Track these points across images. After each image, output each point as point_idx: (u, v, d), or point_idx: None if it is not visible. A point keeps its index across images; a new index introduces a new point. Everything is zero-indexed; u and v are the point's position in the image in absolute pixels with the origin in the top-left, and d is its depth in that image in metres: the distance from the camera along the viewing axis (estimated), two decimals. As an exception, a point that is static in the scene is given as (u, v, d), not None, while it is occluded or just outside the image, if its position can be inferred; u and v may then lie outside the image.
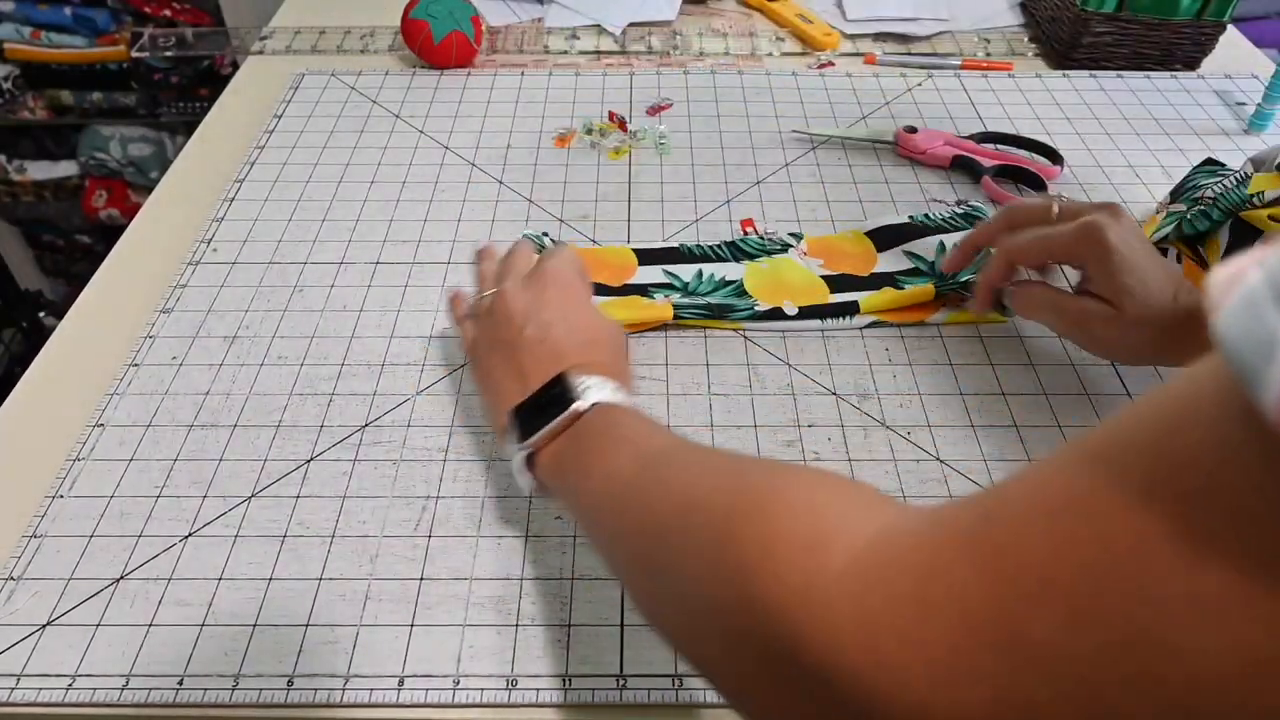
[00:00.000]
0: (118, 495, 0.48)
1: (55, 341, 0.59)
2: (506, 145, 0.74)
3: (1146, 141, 0.75)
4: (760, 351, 0.56)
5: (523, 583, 0.45)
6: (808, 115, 0.78)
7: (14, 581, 0.45)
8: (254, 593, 0.44)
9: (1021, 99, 0.81)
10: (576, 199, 0.69)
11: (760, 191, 0.69)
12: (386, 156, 0.73)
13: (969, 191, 0.70)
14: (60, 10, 1.59)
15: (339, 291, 0.61)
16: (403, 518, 0.47)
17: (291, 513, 0.48)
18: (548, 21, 0.93)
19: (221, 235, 0.65)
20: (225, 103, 0.82)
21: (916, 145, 0.72)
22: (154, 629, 0.43)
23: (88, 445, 0.51)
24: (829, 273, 0.61)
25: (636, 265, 0.62)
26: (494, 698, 0.40)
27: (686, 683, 0.41)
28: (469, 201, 0.68)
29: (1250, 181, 0.56)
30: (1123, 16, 0.82)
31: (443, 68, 0.84)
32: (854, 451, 0.50)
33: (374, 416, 0.53)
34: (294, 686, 0.41)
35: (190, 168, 0.74)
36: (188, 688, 0.41)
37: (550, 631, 0.43)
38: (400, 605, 0.44)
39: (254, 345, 0.57)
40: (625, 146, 0.74)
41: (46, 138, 1.78)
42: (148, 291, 0.61)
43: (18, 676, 0.41)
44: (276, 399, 0.53)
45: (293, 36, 0.90)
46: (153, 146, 1.75)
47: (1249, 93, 0.81)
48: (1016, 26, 0.93)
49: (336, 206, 0.68)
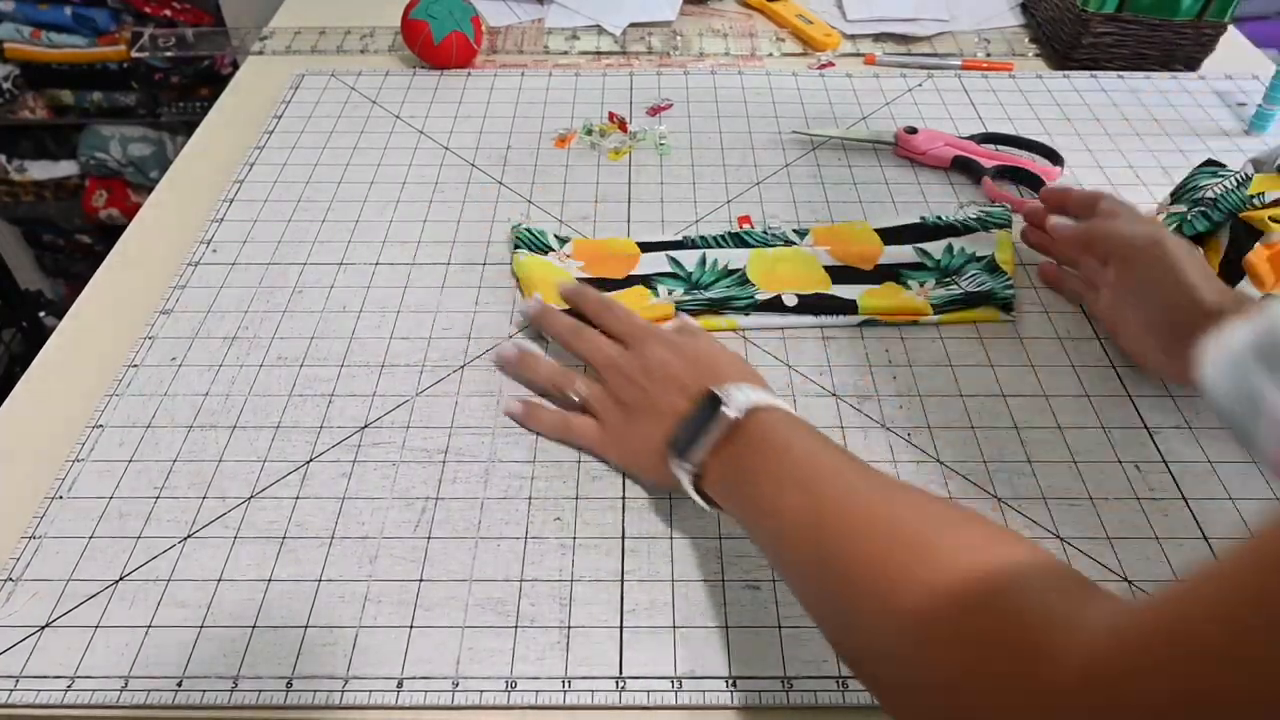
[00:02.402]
0: (117, 496, 0.48)
1: (55, 341, 0.59)
2: (506, 146, 0.74)
3: (1147, 142, 0.75)
4: (760, 353, 0.56)
5: (522, 584, 0.45)
6: (808, 116, 0.78)
7: (13, 583, 0.45)
8: (253, 594, 0.44)
9: (1022, 99, 0.80)
10: (576, 199, 0.69)
11: (760, 192, 0.69)
12: (386, 157, 0.73)
13: (969, 192, 0.69)
14: (60, 10, 1.59)
15: (339, 292, 0.61)
16: (402, 519, 0.47)
17: (291, 514, 0.48)
18: (548, 22, 0.93)
19: (221, 236, 0.65)
20: (225, 103, 0.82)
21: (917, 146, 0.72)
22: (153, 630, 0.43)
23: (87, 446, 0.51)
24: (833, 263, 0.61)
25: (640, 254, 0.62)
26: (493, 699, 0.40)
27: (686, 684, 0.41)
28: (469, 202, 0.68)
29: (1251, 182, 0.56)
30: (1123, 17, 0.82)
31: (443, 68, 0.84)
32: (854, 453, 0.50)
33: (373, 417, 0.53)
34: (293, 688, 0.41)
35: (190, 168, 0.74)
36: (187, 689, 0.41)
37: (550, 633, 0.43)
38: (399, 607, 0.44)
39: (254, 346, 0.57)
40: (625, 147, 0.74)
41: (46, 138, 1.78)
42: (148, 292, 0.61)
43: (16, 678, 0.41)
44: (276, 400, 0.53)
45: (293, 36, 0.90)
46: (153, 146, 1.75)
47: (1249, 93, 0.81)
48: (1017, 27, 0.93)
49: (336, 207, 0.68)
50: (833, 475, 0.38)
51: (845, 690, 0.40)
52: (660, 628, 0.43)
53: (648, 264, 0.61)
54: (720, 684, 0.41)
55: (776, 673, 0.41)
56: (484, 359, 0.56)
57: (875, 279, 0.60)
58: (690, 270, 0.61)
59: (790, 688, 0.41)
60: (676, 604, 0.44)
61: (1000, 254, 0.61)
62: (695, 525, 0.47)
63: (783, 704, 0.40)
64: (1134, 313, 0.52)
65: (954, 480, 0.49)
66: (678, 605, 0.44)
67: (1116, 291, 0.54)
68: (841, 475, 0.38)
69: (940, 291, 0.59)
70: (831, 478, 0.38)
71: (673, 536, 0.47)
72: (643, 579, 0.45)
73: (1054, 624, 0.24)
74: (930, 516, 0.34)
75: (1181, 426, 0.52)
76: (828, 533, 0.35)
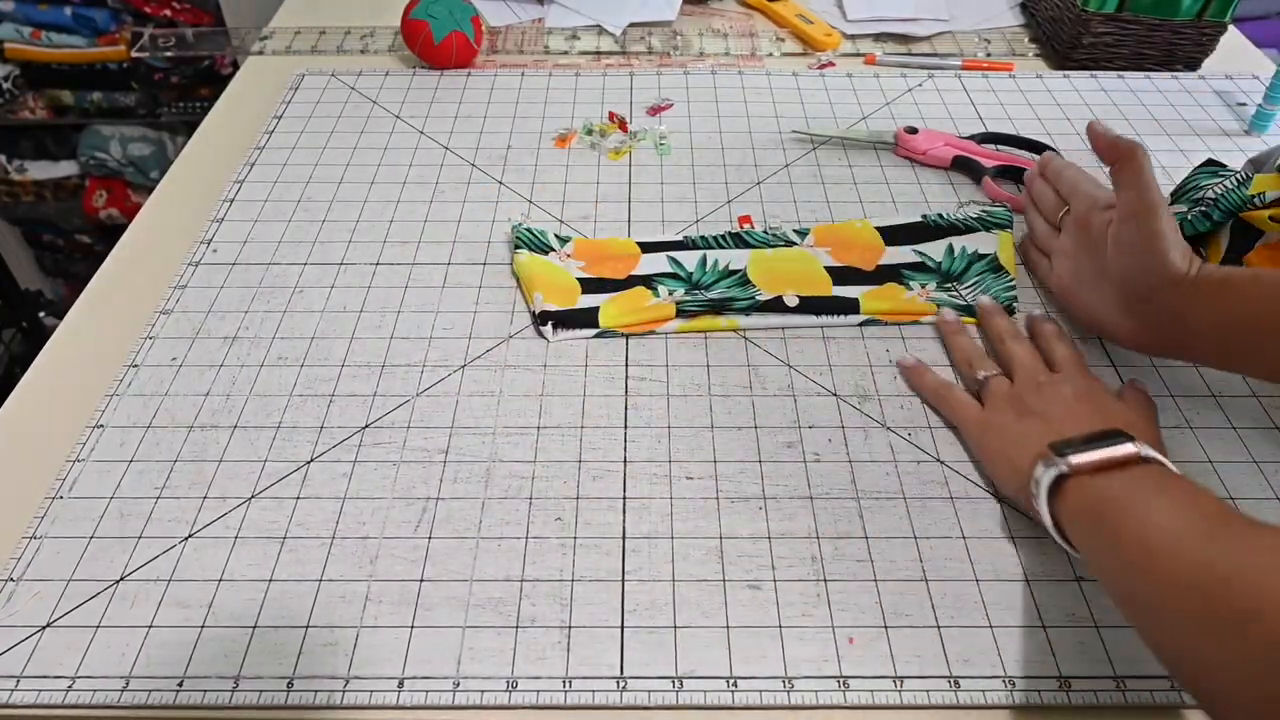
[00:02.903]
0: (117, 496, 0.48)
1: (55, 341, 0.59)
2: (506, 145, 0.74)
3: (1147, 142, 0.75)
4: (760, 353, 0.56)
5: (523, 584, 0.45)
6: (808, 115, 0.78)
7: (13, 583, 0.45)
8: (254, 594, 0.44)
9: (1022, 99, 0.80)
10: (576, 199, 0.69)
11: (760, 192, 0.69)
12: (386, 157, 0.73)
13: (969, 192, 0.69)
14: (60, 10, 1.59)
15: (339, 292, 0.61)
16: (403, 519, 0.47)
17: (291, 514, 0.48)
18: (548, 22, 0.93)
19: (221, 235, 0.65)
20: (225, 103, 0.82)
21: (917, 145, 0.72)
22: (154, 630, 0.43)
23: (87, 446, 0.51)
24: (834, 263, 0.61)
25: (640, 254, 0.62)
26: (494, 699, 0.40)
27: (686, 684, 0.41)
28: (469, 202, 0.68)
29: (1251, 182, 0.56)
30: (1123, 17, 0.82)
31: (443, 68, 0.84)
32: (854, 453, 0.50)
33: (374, 418, 0.53)
34: (294, 688, 0.41)
35: (190, 168, 0.74)
36: (187, 689, 0.41)
37: (550, 633, 0.43)
38: (400, 607, 0.44)
39: (254, 346, 0.57)
40: (625, 147, 0.74)
41: (46, 138, 1.78)
42: (148, 292, 0.61)
43: (17, 678, 0.41)
44: (276, 400, 0.53)
45: (293, 37, 0.90)
46: (153, 146, 1.75)
47: (1249, 93, 0.81)
48: (1017, 27, 0.93)
49: (336, 207, 0.68)
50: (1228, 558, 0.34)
51: (846, 690, 0.40)
52: (660, 628, 0.43)
53: (648, 264, 0.61)
54: (720, 684, 0.41)
55: (776, 673, 0.41)
56: (484, 359, 0.56)
57: (876, 280, 0.60)
58: (691, 270, 0.61)
59: (790, 688, 0.41)
60: (676, 604, 0.44)
61: (1001, 254, 0.61)
62: (695, 525, 0.47)
63: (783, 704, 0.40)
64: (1092, 278, 0.53)
65: (954, 480, 0.49)
66: (678, 605, 0.44)
67: (1075, 257, 0.55)
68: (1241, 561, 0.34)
69: (942, 295, 0.59)
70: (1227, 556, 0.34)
71: (673, 536, 0.47)
72: (643, 579, 0.45)
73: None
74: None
75: (1182, 426, 0.52)
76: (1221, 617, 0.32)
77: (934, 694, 0.40)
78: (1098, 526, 0.39)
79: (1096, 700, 0.40)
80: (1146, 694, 0.40)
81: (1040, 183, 0.62)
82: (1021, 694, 0.40)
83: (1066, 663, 0.41)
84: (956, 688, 0.41)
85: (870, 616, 0.43)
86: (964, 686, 0.41)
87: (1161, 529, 0.36)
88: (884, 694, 0.40)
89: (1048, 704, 0.40)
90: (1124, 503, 0.38)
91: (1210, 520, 0.35)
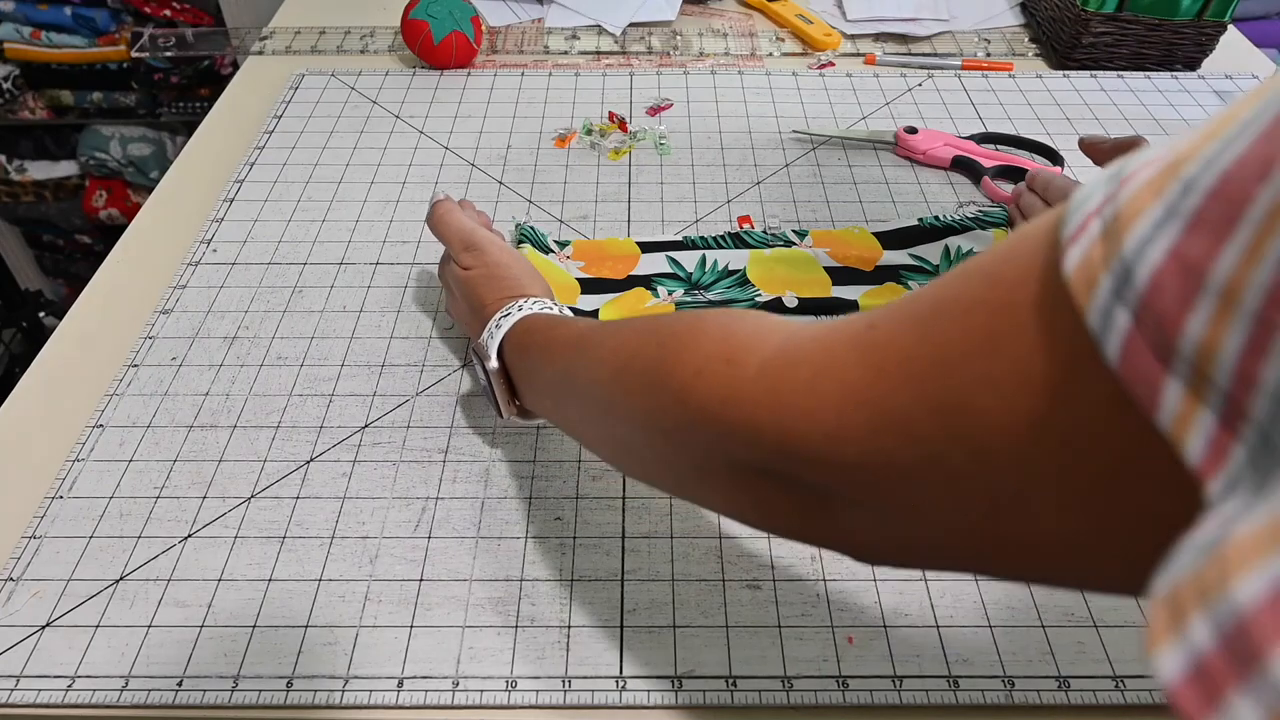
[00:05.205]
0: (117, 496, 0.48)
1: (55, 341, 0.59)
2: (506, 145, 0.74)
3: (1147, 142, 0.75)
4: (760, 352, 0.56)
5: (522, 584, 0.45)
6: (808, 115, 0.78)
7: (13, 582, 0.45)
8: (253, 594, 0.44)
9: (1022, 99, 0.80)
10: (576, 199, 0.69)
11: (760, 191, 0.69)
12: (386, 157, 0.73)
13: (969, 192, 0.69)
14: (60, 10, 1.59)
15: (338, 292, 0.61)
16: (402, 519, 0.47)
17: (291, 514, 0.48)
18: (548, 22, 0.93)
19: (221, 235, 0.65)
20: (225, 103, 0.82)
21: (916, 145, 0.72)
22: (153, 630, 0.43)
23: (87, 446, 0.51)
24: (833, 264, 0.61)
25: (640, 255, 0.62)
26: (493, 699, 0.40)
27: (686, 684, 0.41)
28: (469, 202, 0.68)
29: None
30: (1123, 17, 0.82)
31: (443, 68, 0.84)
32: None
33: (374, 417, 0.53)
34: (293, 688, 0.41)
35: (190, 168, 0.74)
36: (187, 689, 0.41)
37: (550, 633, 0.43)
38: (400, 606, 0.44)
39: (254, 346, 0.57)
40: (625, 147, 0.74)
41: (46, 138, 1.78)
42: (148, 292, 0.61)
43: (17, 678, 0.41)
44: (276, 400, 0.53)
45: (293, 36, 0.90)
46: (153, 146, 1.75)
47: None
48: (1017, 26, 0.93)
49: (336, 207, 0.68)
50: (584, 331, 0.41)
51: (845, 690, 0.40)
52: (660, 628, 0.43)
53: (648, 264, 0.62)
54: (720, 684, 0.41)
55: (776, 673, 0.41)
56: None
57: (875, 279, 0.60)
58: (690, 271, 0.61)
59: (790, 688, 0.41)
60: (676, 604, 0.44)
61: None
62: (695, 525, 0.47)
63: (783, 704, 0.40)
64: None
65: (954, 480, 0.49)
66: (678, 605, 0.44)
67: None
68: (596, 329, 0.40)
69: None
70: (583, 333, 0.40)
71: (673, 536, 0.47)
72: (643, 579, 0.45)
73: (755, 337, 0.30)
74: (674, 314, 0.37)
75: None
76: (587, 359, 0.38)
77: (933, 694, 0.40)
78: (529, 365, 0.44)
79: (1095, 700, 0.40)
80: (1145, 694, 0.40)
81: (1029, 194, 0.62)
82: (1020, 694, 0.40)
83: (1065, 663, 0.41)
84: (955, 688, 0.41)
85: (869, 616, 0.43)
86: (963, 686, 0.41)
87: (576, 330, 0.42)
88: (883, 694, 0.40)
89: (1046, 704, 0.40)
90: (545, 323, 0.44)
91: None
